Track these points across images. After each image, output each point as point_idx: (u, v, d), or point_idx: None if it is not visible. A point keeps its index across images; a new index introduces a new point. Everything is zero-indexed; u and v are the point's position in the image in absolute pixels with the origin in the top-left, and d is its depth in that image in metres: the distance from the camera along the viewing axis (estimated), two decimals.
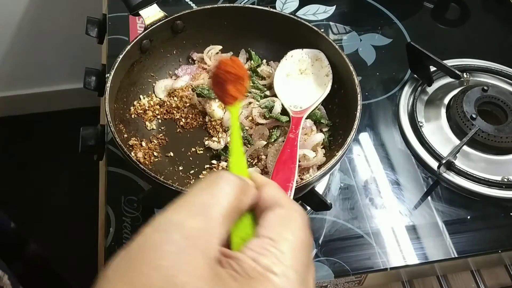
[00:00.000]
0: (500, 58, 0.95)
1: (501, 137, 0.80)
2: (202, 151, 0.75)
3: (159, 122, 0.78)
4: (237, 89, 0.47)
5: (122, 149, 0.63)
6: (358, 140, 0.85)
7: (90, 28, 0.95)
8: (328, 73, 0.76)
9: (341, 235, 0.74)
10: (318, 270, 0.70)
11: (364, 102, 0.89)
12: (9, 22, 1.59)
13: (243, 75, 0.47)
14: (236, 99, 0.47)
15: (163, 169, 0.72)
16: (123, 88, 0.74)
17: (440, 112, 0.87)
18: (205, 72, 0.82)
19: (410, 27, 1.03)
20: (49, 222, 1.64)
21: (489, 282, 0.75)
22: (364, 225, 0.75)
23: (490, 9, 1.09)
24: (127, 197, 0.76)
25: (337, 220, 0.75)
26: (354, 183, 0.80)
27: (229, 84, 0.46)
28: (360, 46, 0.99)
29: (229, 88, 0.46)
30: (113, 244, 0.71)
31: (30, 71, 1.76)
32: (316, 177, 0.62)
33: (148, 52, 0.78)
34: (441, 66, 0.88)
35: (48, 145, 1.82)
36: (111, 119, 0.67)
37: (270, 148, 0.71)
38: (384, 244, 0.73)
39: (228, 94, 0.46)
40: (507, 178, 0.79)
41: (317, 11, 1.06)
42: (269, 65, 0.83)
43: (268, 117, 0.75)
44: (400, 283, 0.75)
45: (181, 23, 0.79)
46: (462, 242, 0.73)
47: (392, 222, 0.75)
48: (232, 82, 0.46)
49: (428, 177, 0.81)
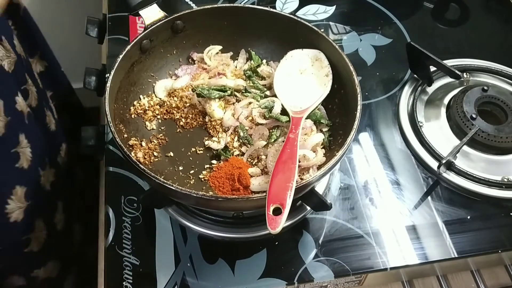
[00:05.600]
0: (500, 58, 0.95)
1: (501, 137, 0.80)
2: (202, 151, 0.75)
3: (159, 122, 0.78)
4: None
5: (122, 149, 0.63)
6: (358, 140, 0.85)
7: (90, 28, 0.95)
8: (328, 73, 0.76)
9: (341, 235, 0.74)
10: (318, 270, 0.70)
11: (364, 102, 0.89)
12: None
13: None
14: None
15: (163, 169, 0.72)
16: (123, 88, 0.74)
17: (440, 112, 0.87)
18: (205, 72, 0.82)
19: (410, 27, 1.03)
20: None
21: (489, 282, 0.75)
22: (364, 225, 0.75)
23: (490, 9, 1.09)
24: (127, 197, 0.76)
25: (337, 220, 0.75)
26: (354, 183, 0.80)
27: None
28: (360, 46, 0.99)
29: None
30: (113, 244, 0.71)
31: None
32: (316, 177, 0.62)
33: (148, 52, 0.78)
34: (441, 66, 0.88)
35: None
36: (111, 119, 0.67)
37: (270, 148, 0.71)
38: (384, 244, 0.73)
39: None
40: (507, 178, 0.79)
41: (317, 11, 1.06)
42: (269, 65, 0.83)
43: (268, 117, 0.75)
44: (400, 283, 0.75)
45: (181, 23, 0.79)
46: (462, 242, 0.73)
47: (392, 222, 0.75)
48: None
49: (428, 177, 0.81)
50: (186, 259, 0.70)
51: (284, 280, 0.69)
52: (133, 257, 0.70)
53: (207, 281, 0.69)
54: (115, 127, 0.67)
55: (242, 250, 0.72)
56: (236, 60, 0.84)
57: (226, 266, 0.70)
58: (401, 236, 0.74)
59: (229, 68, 0.82)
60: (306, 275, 0.69)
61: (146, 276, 0.69)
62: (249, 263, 0.70)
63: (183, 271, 0.69)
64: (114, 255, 0.70)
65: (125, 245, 0.71)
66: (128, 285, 0.68)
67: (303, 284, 0.70)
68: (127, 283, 0.68)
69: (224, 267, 0.70)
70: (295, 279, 0.69)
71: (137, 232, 0.73)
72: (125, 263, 0.69)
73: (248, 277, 0.69)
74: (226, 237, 0.72)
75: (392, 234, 0.74)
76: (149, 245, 0.72)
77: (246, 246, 0.72)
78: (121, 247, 0.71)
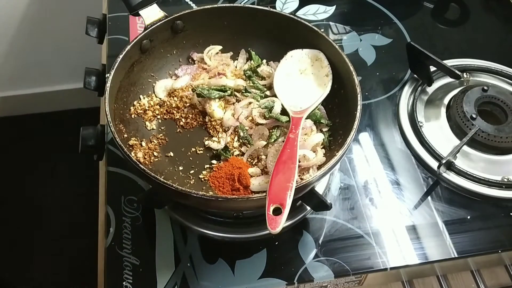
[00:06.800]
0: (500, 58, 0.95)
1: (501, 137, 0.80)
2: (202, 151, 0.75)
3: (159, 122, 0.78)
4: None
5: (122, 149, 0.63)
6: (358, 140, 0.85)
7: (90, 28, 0.95)
8: (328, 73, 0.76)
9: (341, 235, 0.74)
10: (318, 270, 0.70)
11: (364, 102, 0.89)
12: (9, 22, 1.59)
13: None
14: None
15: (163, 169, 0.72)
16: (123, 88, 0.74)
17: (440, 112, 0.87)
18: (205, 72, 0.82)
19: (410, 27, 1.03)
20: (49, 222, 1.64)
21: (489, 282, 0.75)
22: (364, 225, 0.75)
23: (490, 9, 1.09)
24: (127, 197, 0.76)
25: (337, 220, 0.75)
26: (354, 183, 0.80)
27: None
28: (360, 46, 0.99)
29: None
30: (113, 244, 0.71)
31: (30, 71, 1.76)
32: (316, 177, 0.62)
33: (148, 52, 0.78)
34: (441, 66, 0.88)
35: (48, 145, 1.82)
36: (111, 119, 0.67)
37: (270, 148, 0.71)
38: (384, 244, 0.73)
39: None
40: (507, 178, 0.79)
41: (317, 11, 1.06)
42: (269, 65, 0.83)
43: (268, 117, 0.75)
44: (400, 283, 0.75)
45: (181, 23, 0.79)
46: (462, 242, 0.73)
47: (392, 222, 0.75)
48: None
49: (428, 177, 0.81)
50: (186, 259, 0.70)
51: (284, 280, 0.69)
52: (133, 257, 0.70)
53: (207, 281, 0.69)
54: (115, 127, 0.67)
55: (242, 250, 0.72)
56: (236, 60, 0.84)
57: (226, 266, 0.70)
58: (401, 236, 0.74)
59: (229, 68, 0.82)
60: (306, 275, 0.69)
61: (146, 276, 0.69)
62: (249, 263, 0.70)
63: (183, 271, 0.69)
64: (114, 255, 0.70)
65: (125, 245, 0.71)
66: (128, 285, 0.68)
67: (303, 284, 0.70)
68: (127, 283, 0.68)
69: (224, 267, 0.70)
70: (295, 279, 0.69)
71: (137, 232, 0.73)
72: (125, 263, 0.69)
73: (248, 277, 0.69)
74: (226, 237, 0.72)
75: (392, 234, 0.74)
76: (149, 245, 0.71)
77: (246, 246, 0.72)
78: (121, 247, 0.71)
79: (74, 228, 1.59)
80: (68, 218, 1.64)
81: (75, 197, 1.68)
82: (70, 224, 1.62)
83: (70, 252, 1.57)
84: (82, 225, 1.29)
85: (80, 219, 1.46)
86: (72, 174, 1.74)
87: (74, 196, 1.69)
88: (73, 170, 1.72)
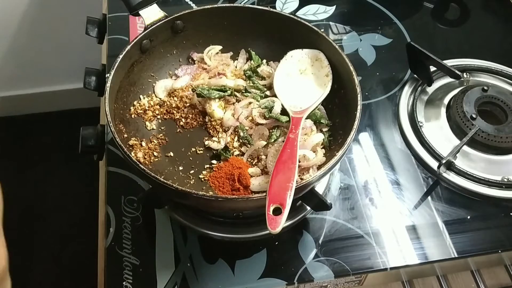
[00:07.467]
0: (500, 58, 0.95)
1: (501, 137, 0.80)
2: (202, 151, 0.75)
3: (159, 122, 0.78)
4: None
5: (122, 149, 0.63)
6: (358, 140, 0.85)
7: (90, 28, 0.95)
8: (328, 73, 0.76)
9: (341, 235, 0.74)
10: (318, 270, 0.70)
11: (364, 102, 0.89)
12: (9, 22, 1.59)
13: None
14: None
15: (163, 169, 0.72)
16: (123, 88, 0.74)
17: (440, 112, 0.87)
18: (205, 72, 0.82)
19: (410, 27, 1.03)
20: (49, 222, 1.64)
21: (489, 282, 0.75)
22: (364, 225, 0.75)
23: (490, 9, 1.09)
24: (127, 197, 0.76)
25: (337, 220, 0.75)
26: (354, 183, 0.80)
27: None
28: (360, 46, 0.99)
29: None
30: (113, 244, 0.71)
31: (30, 71, 1.76)
32: (316, 177, 0.62)
33: (148, 52, 0.78)
34: (441, 66, 0.88)
35: (48, 145, 1.82)
36: (111, 119, 0.67)
37: (270, 148, 0.71)
38: (384, 244, 0.73)
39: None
40: (507, 178, 0.79)
41: (317, 11, 1.06)
42: (269, 65, 0.83)
43: (268, 117, 0.75)
44: (400, 283, 0.75)
45: (181, 23, 0.79)
46: (462, 242, 0.73)
47: (392, 222, 0.75)
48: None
49: (428, 177, 0.81)
50: (186, 259, 0.70)
51: (284, 280, 0.69)
52: (133, 257, 0.70)
53: (207, 281, 0.69)
54: (115, 127, 0.67)
55: (242, 250, 0.72)
56: (236, 60, 0.84)
57: (226, 266, 0.70)
58: (401, 236, 0.74)
59: (229, 68, 0.82)
60: (306, 275, 0.69)
61: (146, 276, 0.69)
62: (249, 263, 0.70)
63: (183, 271, 0.69)
64: (114, 255, 0.70)
65: (125, 245, 0.71)
66: (128, 285, 0.68)
67: (303, 284, 0.70)
68: (127, 283, 0.68)
69: (224, 267, 0.70)
70: (295, 279, 0.69)
71: (137, 232, 0.73)
72: (125, 263, 0.69)
73: (248, 277, 0.69)
74: (226, 237, 0.72)
75: (392, 234, 0.74)
76: (149, 245, 0.71)
77: (246, 246, 0.72)
78: (121, 247, 0.71)
79: (74, 228, 1.59)
80: (68, 218, 1.64)
81: (75, 197, 1.67)
82: (70, 224, 1.62)
83: (70, 252, 1.57)
84: (82, 225, 1.29)
85: (80, 219, 1.46)
86: (72, 174, 1.73)
87: (74, 196, 1.69)
88: (73, 170, 1.72)
